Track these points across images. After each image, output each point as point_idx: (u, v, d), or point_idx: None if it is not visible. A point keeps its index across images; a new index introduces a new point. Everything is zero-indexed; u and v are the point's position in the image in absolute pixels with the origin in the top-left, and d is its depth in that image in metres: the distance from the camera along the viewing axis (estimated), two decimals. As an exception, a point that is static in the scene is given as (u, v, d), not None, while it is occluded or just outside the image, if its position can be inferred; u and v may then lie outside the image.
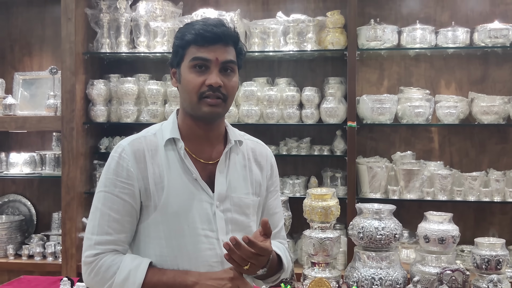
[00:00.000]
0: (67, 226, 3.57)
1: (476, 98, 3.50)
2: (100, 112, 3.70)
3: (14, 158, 3.89)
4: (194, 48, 1.64)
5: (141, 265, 1.61)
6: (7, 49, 4.21)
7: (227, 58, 1.65)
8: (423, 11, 3.76)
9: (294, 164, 3.84)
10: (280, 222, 1.94)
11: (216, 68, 1.63)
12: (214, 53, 1.62)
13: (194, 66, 1.64)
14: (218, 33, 1.63)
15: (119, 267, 1.60)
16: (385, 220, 2.30)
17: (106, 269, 1.61)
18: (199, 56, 1.63)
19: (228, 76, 1.67)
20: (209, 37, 1.62)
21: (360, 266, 2.31)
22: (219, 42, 1.63)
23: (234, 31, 1.69)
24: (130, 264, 1.61)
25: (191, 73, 1.64)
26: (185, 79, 1.65)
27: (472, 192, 3.40)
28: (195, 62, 1.63)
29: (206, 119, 1.68)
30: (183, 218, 1.65)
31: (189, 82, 1.64)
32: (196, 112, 1.67)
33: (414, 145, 3.77)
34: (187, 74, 1.65)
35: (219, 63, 1.63)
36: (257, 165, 1.84)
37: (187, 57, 1.65)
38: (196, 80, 1.63)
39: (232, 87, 1.68)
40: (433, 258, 2.37)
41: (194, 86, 1.63)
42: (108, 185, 1.66)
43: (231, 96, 1.69)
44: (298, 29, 3.59)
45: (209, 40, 1.62)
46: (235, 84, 1.69)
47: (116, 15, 3.72)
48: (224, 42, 1.64)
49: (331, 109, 3.53)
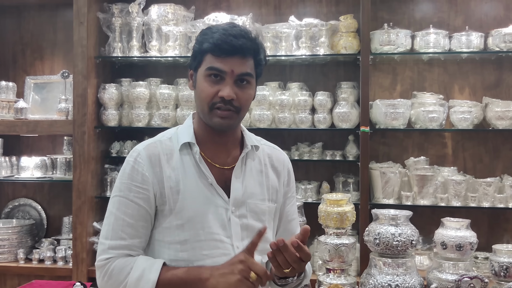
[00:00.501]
0: (78, 230, 3.56)
1: (491, 103, 3.46)
2: (111, 116, 3.69)
3: (25, 162, 3.89)
4: (211, 57, 1.61)
5: (155, 264, 1.60)
6: (19, 53, 4.21)
7: (243, 71, 1.62)
8: (437, 16, 3.73)
9: (306, 169, 3.81)
10: (298, 229, 1.91)
11: (231, 80, 1.61)
12: (230, 65, 1.60)
13: (209, 75, 1.62)
14: (236, 46, 1.59)
15: (132, 267, 1.59)
16: (402, 226, 2.26)
17: (119, 271, 1.59)
18: (214, 67, 1.60)
19: (243, 88, 1.64)
20: (226, 49, 1.59)
21: (376, 272, 2.28)
22: (236, 54, 1.60)
23: (255, 42, 1.65)
24: (144, 263, 1.59)
25: (205, 82, 1.62)
26: (199, 87, 1.64)
27: (486, 198, 3.36)
28: (210, 72, 1.61)
29: (217, 129, 1.67)
30: (199, 223, 1.64)
31: (202, 90, 1.63)
32: (207, 121, 1.66)
33: (427, 150, 3.74)
34: (202, 82, 1.63)
35: (235, 75, 1.61)
36: (274, 171, 1.82)
37: (203, 64, 1.63)
38: (210, 90, 1.61)
39: (246, 100, 1.65)
40: (451, 265, 2.33)
41: (206, 95, 1.61)
42: (123, 189, 1.65)
43: (245, 108, 1.66)
44: (310, 33, 3.57)
45: (226, 52, 1.59)
46: (249, 96, 1.67)
47: (128, 19, 3.71)
48: (241, 54, 1.61)
49: (344, 113, 3.50)
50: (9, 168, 3.91)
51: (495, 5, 3.68)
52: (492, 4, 3.68)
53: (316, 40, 3.59)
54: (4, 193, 4.18)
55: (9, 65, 4.22)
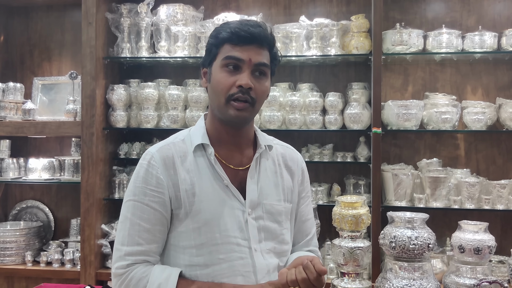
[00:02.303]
0: (86, 232, 3.52)
1: (504, 104, 3.41)
2: (120, 117, 3.66)
3: (33, 164, 3.86)
4: (228, 47, 1.59)
5: (171, 277, 1.55)
6: (27, 54, 4.19)
7: (261, 60, 1.60)
8: (449, 15, 3.68)
9: (316, 171, 3.77)
10: (313, 229, 1.88)
11: (248, 69, 1.58)
12: (247, 53, 1.58)
13: (226, 65, 1.59)
14: (254, 33, 1.58)
15: (148, 280, 1.54)
16: (418, 229, 2.21)
17: (137, 282, 1.55)
18: (232, 55, 1.58)
19: (260, 79, 1.61)
20: (244, 36, 1.57)
21: (392, 277, 2.23)
22: (254, 42, 1.59)
23: (271, 34, 1.64)
24: (160, 276, 1.54)
25: (222, 72, 1.59)
26: (215, 78, 1.61)
27: (500, 201, 3.31)
28: (228, 61, 1.58)
29: (232, 123, 1.63)
30: (215, 226, 1.60)
31: (219, 81, 1.59)
32: (223, 114, 1.61)
33: (439, 152, 3.68)
34: (218, 73, 1.60)
35: (252, 64, 1.58)
36: (288, 170, 1.79)
37: (220, 55, 1.61)
38: (227, 80, 1.58)
39: (262, 92, 1.63)
40: (468, 269, 2.28)
41: (224, 86, 1.58)
42: (138, 193, 1.61)
43: (260, 101, 1.63)
44: (321, 33, 3.53)
45: (244, 39, 1.58)
46: (265, 89, 1.64)
47: (137, 20, 3.68)
48: (259, 43, 1.60)
49: (355, 115, 3.46)
50: (17, 170, 3.88)
51: (508, 4, 3.62)
52: (505, 3, 3.63)
53: (327, 40, 3.54)
54: (11, 195, 4.15)
55: (17, 66, 4.19)
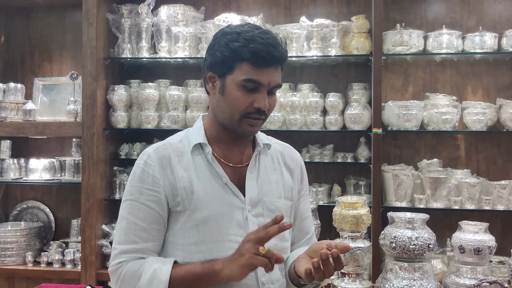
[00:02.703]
0: (86, 233, 3.52)
1: (505, 104, 3.41)
2: (120, 118, 3.66)
3: (34, 164, 3.86)
4: (248, 67, 1.56)
5: (166, 263, 1.56)
6: (27, 54, 4.19)
7: (278, 83, 1.62)
8: (449, 16, 3.68)
9: (317, 172, 3.77)
10: (312, 227, 1.91)
11: (265, 90, 1.59)
12: (268, 77, 1.57)
13: (244, 86, 1.57)
14: (277, 57, 1.57)
15: (143, 269, 1.56)
16: (419, 230, 2.21)
17: (131, 274, 1.57)
18: (253, 79, 1.56)
19: (273, 96, 1.64)
20: (267, 60, 1.56)
21: (392, 277, 2.23)
22: (274, 64, 1.58)
23: (286, 50, 1.63)
24: (155, 263, 1.56)
25: (239, 91, 1.58)
26: (232, 95, 1.59)
27: (501, 201, 3.31)
28: (248, 84, 1.57)
29: (243, 136, 1.66)
30: (214, 223, 1.61)
31: (236, 99, 1.58)
32: (234, 127, 1.63)
33: (439, 152, 3.69)
34: (235, 91, 1.58)
35: (270, 87, 1.60)
36: (287, 168, 1.81)
37: (238, 72, 1.57)
38: (245, 100, 1.58)
39: (273, 106, 1.65)
40: (469, 269, 2.28)
41: (241, 105, 1.58)
42: (134, 193, 1.63)
43: (270, 113, 1.67)
44: (321, 34, 3.53)
45: (267, 63, 1.56)
46: (275, 102, 1.67)
47: (138, 20, 3.68)
48: (278, 64, 1.60)
49: (356, 115, 3.46)
50: (18, 170, 3.89)
51: (509, 5, 3.63)
52: (506, 4, 3.63)
53: (327, 41, 3.55)
54: (12, 195, 4.16)
55: (17, 66, 4.20)
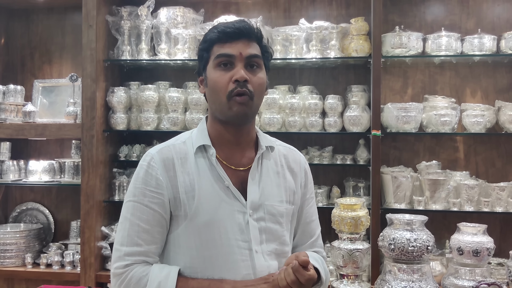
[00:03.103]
0: (86, 235, 3.53)
1: (504, 106, 3.42)
2: (120, 119, 3.67)
3: (33, 166, 3.86)
4: (217, 47, 1.62)
5: (170, 275, 1.55)
6: (27, 56, 4.20)
7: (251, 53, 1.62)
8: (448, 18, 3.69)
9: (316, 174, 3.77)
10: (317, 230, 1.87)
11: (241, 63, 1.60)
12: (237, 48, 1.60)
13: (219, 64, 1.61)
14: (240, 28, 1.61)
15: (148, 279, 1.55)
16: (417, 231, 2.22)
17: (137, 281, 1.55)
18: (222, 53, 1.61)
19: (254, 71, 1.63)
20: (230, 32, 1.60)
21: (391, 279, 2.24)
22: (241, 37, 1.61)
23: (257, 27, 1.66)
24: (159, 274, 1.55)
25: (216, 72, 1.61)
26: (212, 79, 1.62)
27: (499, 203, 3.32)
28: (220, 60, 1.61)
29: (235, 120, 1.63)
30: (215, 227, 1.60)
31: (216, 81, 1.61)
32: (225, 113, 1.61)
33: (438, 154, 3.69)
34: (213, 74, 1.62)
35: (243, 58, 1.60)
36: (291, 172, 1.78)
37: (211, 57, 1.64)
38: (223, 77, 1.60)
39: (259, 84, 1.63)
40: (467, 271, 2.29)
41: (221, 84, 1.60)
42: (137, 194, 1.62)
43: (258, 94, 1.63)
44: (321, 36, 3.54)
45: (231, 35, 1.60)
46: (262, 81, 1.64)
47: (137, 22, 3.69)
48: (246, 37, 1.62)
49: (355, 117, 3.47)
50: (17, 172, 3.89)
51: (507, 7, 3.64)
52: (504, 6, 3.64)
53: (326, 43, 3.56)
54: (12, 197, 4.16)
55: (17, 68, 4.20)
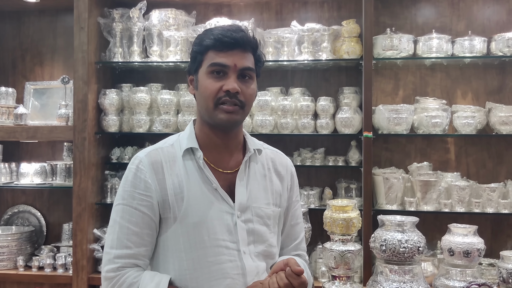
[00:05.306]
0: (78, 237, 3.52)
1: (494, 108, 3.44)
2: (112, 122, 3.66)
3: (25, 168, 3.84)
4: (212, 53, 1.62)
5: (161, 284, 1.56)
6: (18, 58, 4.18)
7: (245, 65, 1.63)
8: (439, 20, 3.72)
9: (308, 175, 3.78)
10: (301, 233, 1.90)
11: (234, 74, 1.61)
12: (232, 59, 1.60)
13: (212, 72, 1.61)
14: (237, 38, 1.61)
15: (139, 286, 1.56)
16: (408, 233, 2.23)
17: (127, 286, 1.56)
18: (217, 62, 1.60)
19: (246, 83, 1.64)
20: (227, 42, 1.60)
21: (382, 280, 2.25)
22: (237, 47, 1.61)
23: (253, 37, 1.66)
24: (150, 283, 1.56)
25: (208, 79, 1.61)
26: (202, 85, 1.63)
27: (490, 204, 3.34)
28: (213, 68, 1.61)
29: (223, 127, 1.65)
30: (204, 229, 1.61)
31: (206, 88, 1.61)
32: (213, 119, 1.63)
33: (429, 156, 3.71)
34: (205, 80, 1.62)
35: (237, 69, 1.61)
36: (277, 175, 1.81)
37: (205, 62, 1.63)
38: (214, 85, 1.60)
39: (250, 95, 1.65)
40: (458, 272, 2.31)
41: (211, 91, 1.60)
42: (126, 197, 1.63)
43: (249, 103, 1.66)
44: (312, 38, 3.55)
45: (228, 45, 1.60)
46: (253, 91, 1.66)
47: (129, 24, 3.68)
48: (242, 48, 1.62)
49: (347, 119, 3.48)
50: (9, 175, 3.87)
51: (497, 9, 3.67)
52: (494, 8, 3.67)
53: (318, 45, 3.57)
54: (3, 199, 4.14)
55: (8, 70, 4.19)
